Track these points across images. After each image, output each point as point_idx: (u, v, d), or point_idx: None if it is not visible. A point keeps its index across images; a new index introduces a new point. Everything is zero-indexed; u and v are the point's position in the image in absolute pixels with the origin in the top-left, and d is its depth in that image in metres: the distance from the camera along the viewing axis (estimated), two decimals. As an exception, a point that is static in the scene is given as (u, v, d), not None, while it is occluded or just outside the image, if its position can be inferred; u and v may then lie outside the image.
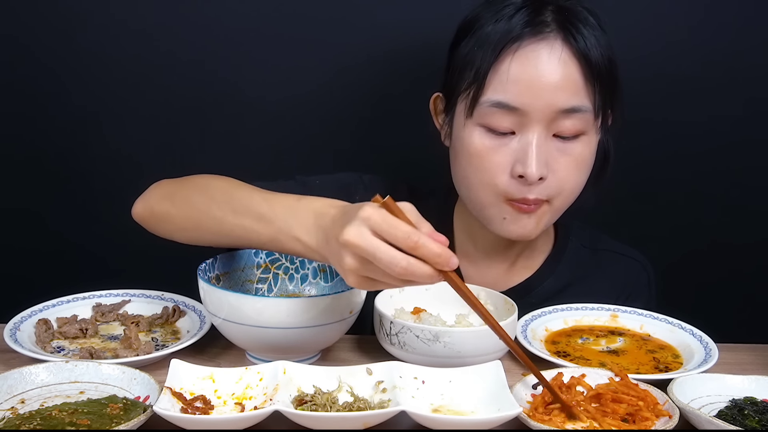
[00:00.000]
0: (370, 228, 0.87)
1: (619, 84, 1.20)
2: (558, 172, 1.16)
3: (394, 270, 0.86)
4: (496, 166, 1.16)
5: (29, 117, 1.61)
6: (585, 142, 1.17)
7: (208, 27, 1.57)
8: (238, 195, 1.08)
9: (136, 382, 0.97)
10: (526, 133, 1.15)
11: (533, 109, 1.13)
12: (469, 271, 1.33)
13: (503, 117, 1.14)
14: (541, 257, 1.34)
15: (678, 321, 1.20)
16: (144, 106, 1.61)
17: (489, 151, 1.16)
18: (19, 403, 0.94)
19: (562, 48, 1.14)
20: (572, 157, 1.17)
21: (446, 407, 0.96)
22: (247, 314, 1.02)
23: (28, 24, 1.56)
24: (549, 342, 1.17)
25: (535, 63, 1.13)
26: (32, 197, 1.65)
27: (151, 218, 1.18)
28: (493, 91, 1.15)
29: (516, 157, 1.15)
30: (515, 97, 1.13)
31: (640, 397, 0.96)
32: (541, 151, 1.14)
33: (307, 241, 0.97)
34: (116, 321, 1.21)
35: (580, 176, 1.19)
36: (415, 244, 0.85)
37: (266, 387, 0.96)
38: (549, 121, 1.14)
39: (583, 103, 1.14)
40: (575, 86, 1.14)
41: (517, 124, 1.15)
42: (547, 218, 1.20)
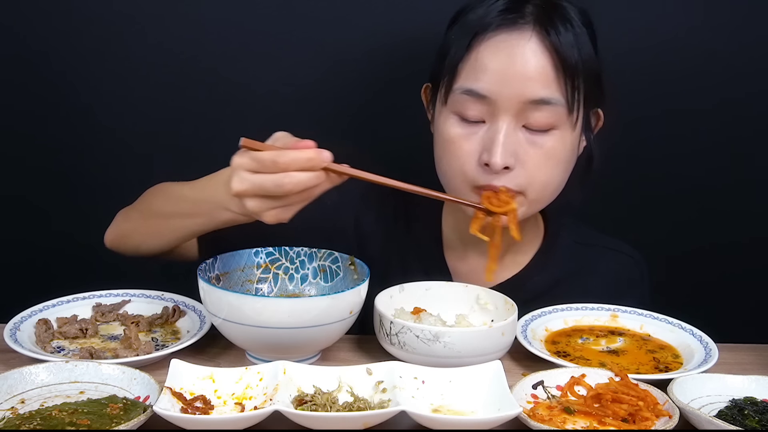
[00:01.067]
0: (245, 170, 0.98)
1: (602, 84, 1.20)
2: (527, 163, 1.16)
3: (284, 189, 0.97)
4: (465, 153, 1.17)
5: (33, 116, 1.61)
6: (557, 136, 1.16)
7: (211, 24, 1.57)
8: (173, 192, 1.21)
9: (136, 382, 0.97)
10: (495, 122, 1.15)
11: (501, 97, 1.14)
12: (458, 266, 1.33)
13: (474, 105, 1.16)
14: (530, 253, 1.33)
15: (678, 321, 1.20)
16: (148, 106, 1.61)
17: (460, 138, 1.18)
18: (19, 403, 0.94)
19: (534, 39, 1.14)
20: (542, 150, 1.16)
21: (446, 407, 0.96)
22: (247, 314, 1.02)
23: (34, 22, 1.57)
24: (549, 342, 1.17)
25: (506, 52, 1.14)
26: (33, 197, 1.65)
27: (118, 241, 1.30)
28: (465, 78, 1.16)
29: (484, 146, 1.16)
30: (484, 85, 1.14)
31: (640, 397, 0.96)
32: (508, 140, 1.14)
33: (230, 207, 1.05)
34: (116, 321, 1.21)
35: (552, 170, 1.18)
36: (282, 162, 0.96)
37: (266, 387, 0.96)
38: (518, 111, 1.14)
39: (553, 96, 1.14)
40: (545, 78, 1.13)
41: (487, 112, 1.16)
42: (521, 210, 1.19)
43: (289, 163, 0.97)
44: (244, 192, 0.99)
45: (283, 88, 1.60)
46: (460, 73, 1.17)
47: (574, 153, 1.22)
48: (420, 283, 1.22)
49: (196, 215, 1.14)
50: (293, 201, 1.00)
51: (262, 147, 0.99)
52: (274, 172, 0.97)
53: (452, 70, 1.17)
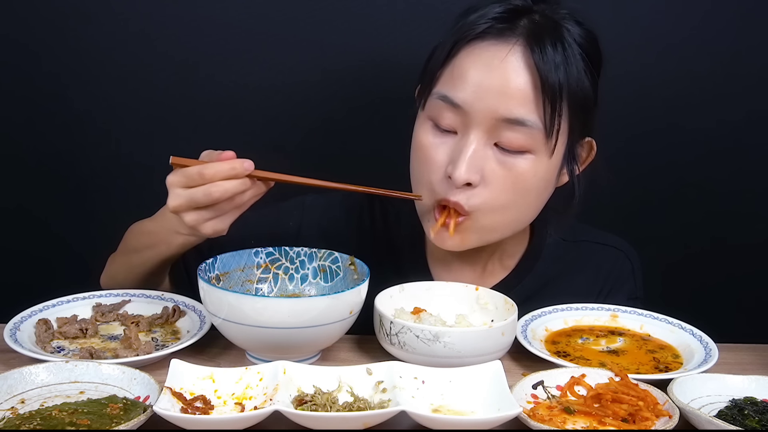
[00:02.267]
0: (177, 187, 1.04)
1: (592, 116, 1.15)
2: (491, 183, 1.12)
3: (213, 198, 1.03)
4: (433, 162, 1.14)
5: (31, 119, 1.62)
6: (530, 161, 1.11)
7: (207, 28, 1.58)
8: (140, 227, 1.26)
9: (136, 382, 0.97)
10: (466, 135, 1.11)
11: (474, 110, 1.10)
12: (444, 275, 1.31)
13: (448, 113, 1.12)
14: (517, 256, 1.31)
15: (678, 321, 1.20)
16: (146, 110, 1.61)
17: (431, 146, 1.15)
18: (19, 403, 0.94)
19: (517, 55, 1.09)
20: (511, 173, 1.11)
21: (446, 407, 0.96)
22: (247, 314, 1.02)
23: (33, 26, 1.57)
24: (549, 342, 1.17)
25: (486, 63, 1.09)
26: (34, 198, 1.65)
27: (108, 283, 1.32)
28: (443, 84, 1.13)
29: (451, 157, 1.12)
30: (460, 93, 1.10)
31: (640, 397, 0.96)
32: (476, 155, 1.10)
33: (179, 229, 1.11)
34: (116, 321, 1.21)
35: (515, 196, 1.13)
36: (208, 174, 1.02)
37: (266, 387, 0.96)
38: (490, 127, 1.10)
39: (529, 117, 1.08)
40: (522, 97, 1.08)
41: (460, 123, 1.12)
42: (473, 237, 1.16)
43: (215, 173, 1.02)
44: (179, 207, 1.04)
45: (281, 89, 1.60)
46: (440, 77, 1.14)
47: (549, 183, 1.16)
48: (420, 283, 1.22)
49: (156, 245, 1.19)
50: (225, 209, 1.05)
51: (190, 163, 1.05)
52: (202, 184, 1.03)
53: (432, 73, 1.14)
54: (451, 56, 1.12)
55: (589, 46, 1.13)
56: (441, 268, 1.32)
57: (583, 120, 1.14)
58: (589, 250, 1.33)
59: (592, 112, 1.15)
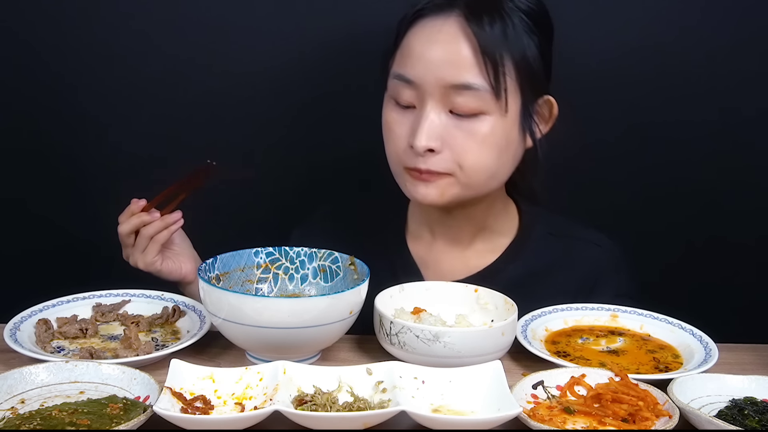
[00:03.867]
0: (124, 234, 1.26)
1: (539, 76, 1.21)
2: (454, 147, 1.19)
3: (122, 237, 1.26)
4: (398, 137, 1.22)
5: (34, 115, 1.61)
6: (485, 121, 1.18)
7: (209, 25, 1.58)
8: None
9: (136, 382, 0.97)
10: (422, 107, 1.19)
11: (425, 82, 1.17)
12: (428, 256, 1.35)
13: (405, 90, 1.20)
14: (503, 244, 1.34)
15: (678, 321, 1.20)
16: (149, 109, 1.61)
17: (394, 122, 1.23)
18: (19, 403, 0.94)
19: (456, 26, 1.16)
20: (469, 134, 1.18)
21: (446, 407, 0.96)
22: (247, 314, 1.02)
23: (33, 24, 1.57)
24: (549, 342, 1.17)
25: (428, 38, 1.18)
26: (34, 198, 1.65)
27: None
28: (397, 64, 1.22)
29: (412, 129, 1.20)
30: (410, 70, 1.19)
31: (640, 397, 0.96)
32: (432, 124, 1.18)
33: None
34: (116, 321, 1.21)
35: (480, 153, 1.20)
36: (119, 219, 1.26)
37: (266, 387, 0.96)
38: (442, 95, 1.17)
39: (475, 81, 1.16)
40: (465, 63, 1.16)
41: (416, 97, 1.20)
42: (454, 191, 1.22)
43: (120, 217, 1.26)
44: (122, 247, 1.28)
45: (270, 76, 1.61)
46: (396, 59, 1.22)
47: (511, 141, 1.22)
48: (420, 283, 1.22)
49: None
50: (142, 244, 1.24)
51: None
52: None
53: (391, 55, 1.23)
54: (401, 37, 1.22)
55: (532, 10, 1.20)
56: (426, 250, 1.35)
57: (532, 79, 1.20)
58: (574, 245, 1.35)
59: (542, 71, 1.22)
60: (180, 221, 1.27)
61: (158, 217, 1.25)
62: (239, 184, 1.57)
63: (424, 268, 1.34)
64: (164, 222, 1.25)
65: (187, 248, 1.32)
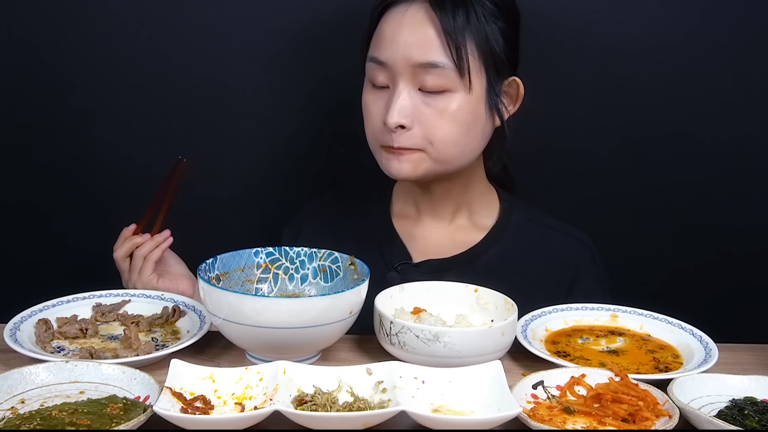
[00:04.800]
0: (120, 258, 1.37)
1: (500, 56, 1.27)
2: (423, 123, 1.26)
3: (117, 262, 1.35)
4: (373, 116, 1.30)
5: (33, 119, 1.61)
6: (451, 98, 1.26)
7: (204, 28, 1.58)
8: None
9: (136, 382, 0.97)
10: (395, 87, 1.27)
11: (394, 62, 1.26)
12: (415, 231, 1.41)
13: (379, 72, 1.28)
14: (484, 222, 1.40)
15: (678, 321, 1.20)
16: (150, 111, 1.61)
17: (371, 103, 1.31)
18: (19, 403, 0.94)
19: (421, 9, 1.25)
20: (436, 110, 1.26)
21: (446, 407, 0.96)
22: (247, 314, 1.02)
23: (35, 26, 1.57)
24: (549, 342, 1.17)
25: (398, 21, 1.26)
26: (34, 198, 1.65)
27: None
28: (372, 48, 1.30)
29: (385, 108, 1.27)
30: (383, 52, 1.27)
31: (640, 397, 0.96)
32: (403, 102, 1.25)
33: None
34: (116, 321, 1.21)
35: (449, 129, 1.27)
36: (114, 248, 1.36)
37: (266, 387, 0.96)
38: (411, 74, 1.25)
39: (439, 60, 1.24)
40: (431, 43, 1.24)
41: (389, 78, 1.28)
42: (426, 165, 1.29)
43: (114, 246, 1.36)
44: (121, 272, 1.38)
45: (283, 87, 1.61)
46: (371, 43, 1.31)
47: (479, 117, 1.29)
48: (420, 283, 1.22)
49: None
50: (137, 265, 1.34)
51: None
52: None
53: (367, 41, 1.31)
54: (374, 24, 1.30)
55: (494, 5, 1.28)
56: (411, 225, 1.41)
57: (495, 59, 1.28)
58: (551, 236, 1.40)
59: (507, 54, 1.29)
60: (169, 239, 1.36)
61: (148, 237, 1.35)
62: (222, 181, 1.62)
63: (411, 243, 1.39)
64: (155, 241, 1.34)
65: (182, 268, 1.39)
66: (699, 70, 1.57)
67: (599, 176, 1.62)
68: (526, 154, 1.44)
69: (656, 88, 1.58)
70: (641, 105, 1.59)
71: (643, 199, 1.64)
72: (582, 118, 1.60)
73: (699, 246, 1.65)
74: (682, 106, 1.58)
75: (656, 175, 1.62)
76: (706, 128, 1.59)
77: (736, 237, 1.64)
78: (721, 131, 1.59)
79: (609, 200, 1.63)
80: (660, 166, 1.62)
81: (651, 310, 1.23)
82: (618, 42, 1.56)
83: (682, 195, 1.63)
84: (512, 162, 1.43)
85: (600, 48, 1.56)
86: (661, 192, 1.63)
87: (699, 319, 1.20)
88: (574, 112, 1.59)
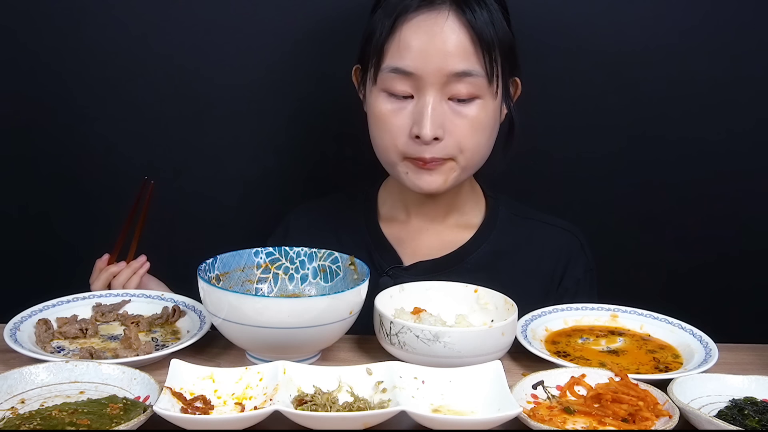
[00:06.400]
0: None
1: (516, 56, 1.28)
2: (454, 133, 1.24)
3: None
4: (396, 128, 1.26)
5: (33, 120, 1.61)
6: (480, 105, 1.24)
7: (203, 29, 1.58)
8: None
9: (136, 382, 0.97)
10: (422, 97, 1.23)
11: (426, 73, 1.22)
12: (404, 234, 1.39)
13: (401, 82, 1.24)
14: (472, 221, 1.39)
15: (678, 321, 1.20)
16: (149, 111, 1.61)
17: (390, 114, 1.26)
18: (19, 403, 0.94)
19: (451, 18, 1.22)
20: (467, 119, 1.24)
21: (446, 407, 0.96)
22: (247, 314, 1.02)
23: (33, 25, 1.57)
24: (549, 342, 1.17)
25: (426, 30, 1.22)
26: (35, 198, 1.65)
27: None
28: (391, 57, 1.24)
29: (413, 119, 1.24)
30: (410, 62, 1.22)
31: (640, 397, 0.96)
32: (435, 113, 1.22)
33: None
34: (116, 321, 1.21)
35: (478, 137, 1.26)
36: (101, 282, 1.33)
37: (266, 387, 0.96)
38: (442, 84, 1.22)
39: (473, 68, 1.22)
40: (464, 52, 1.22)
41: (414, 87, 1.24)
42: (455, 175, 1.28)
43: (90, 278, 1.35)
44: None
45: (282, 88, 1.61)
46: (386, 53, 1.25)
47: (497, 120, 1.30)
48: (420, 283, 1.22)
49: None
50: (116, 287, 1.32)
51: None
52: None
53: (379, 50, 1.25)
54: (393, 32, 1.24)
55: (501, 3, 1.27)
56: (401, 229, 1.39)
57: (511, 61, 1.28)
58: (538, 228, 1.40)
59: (514, 52, 1.29)
60: (146, 264, 1.34)
61: (124, 265, 1.33)
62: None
63: (401, 247, 1.38)
64: (131, 268, 1.33)
65: (162, 289, 1.36)
66: (699, 71, 1.57)
67: (599, 177, 1.62)
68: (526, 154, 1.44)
69: (656, 88, 1.57)
70: (641, 105, 1.58)
71: (642, 199, 1.64)
72: (582, 119, 1.60)
73: (699, 246, 1.65)
74: (682, 107, 1.58)
75: (656, 175, 1.62)
76: (707, 128, 1.59)
77: (736, 237, 1.64)
78: (722, 131, 1.59)
79: (609, 200, 1.63)
80: (660, 167, 1.62)
81: (651, 310, 1.23)
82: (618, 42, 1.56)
83: (682, 195, 1.63)
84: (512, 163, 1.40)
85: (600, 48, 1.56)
86: (661, 192, 1.63)
87: (699, 319, 1.20)
88: (574, 113, 1.59)
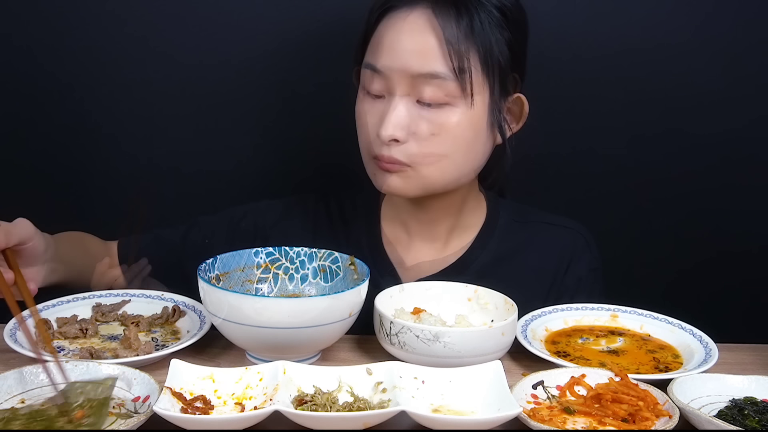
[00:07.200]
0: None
1: (509, 70, 1.22)
2: (419, 137, 1.20)
3: None
4: (366, 125, 1.25)
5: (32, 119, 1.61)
6: (451, 112, 1.19)
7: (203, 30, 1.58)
8: None
9: (136, 382, 0.97)
10: (391, 97, 1.21)
11: (392, 71, 1.19)
12: (406, 255, 1.36)
13: (375, 80, 1.22)
14: (473, 234, 1.36)
15: (678, 321, 1.20)
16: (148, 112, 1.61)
17: (365, 113, 1.25)
18: (19, 403, 0.94)
19: (423, 17, 1.18)
20: (434, 125, 1.20)
21: (446, 407, 0.96)
22: (247, 314, 1.02)
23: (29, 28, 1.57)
24: (549, 342, 1.17)
25: (397, 28, 1.20)
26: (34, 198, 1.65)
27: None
28: (368, 54, 1.24)
29: (380, 118, 1.22)
30: (379, 59, 1.20)
31: (640, 397, 0.96)
32: (400, 114, 1.19)
33: None
34: (116, 321, 1.21)
35: (445, 145, 1.21)
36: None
37: (266, 387, 0.96)
38: (409, 85, 1.19)
39: (440, 70, 1.17)
40: (430, 52, 1.17)
41: (385, 87, 1.21)
42: (416, 183, 1.23)
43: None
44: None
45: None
46: (367, 50, 1.24)
47: (479, 134, 1.23)
48: (420, 283, 1.22)
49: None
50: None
51: None
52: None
53: (362, 48, 1.25)
54: (371, 29, 1.24)
55: (505, 6, 1.21)
56: (402, 250, 1.36)
57: (500, 73, 1.21)
58: (540, 230, 1.37)
59: (510, 67, 1.23)
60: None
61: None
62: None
63: (403, 270, 1.35)
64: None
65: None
66: (698, 71, 1.57)
67: (599, 176, 1.62)
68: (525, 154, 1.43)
69: (656, 88, 1.58)
70: (641, 105, 1.59)
71: (642, 198, 1.64)
72: (582, 119, 1.60)
73: (699, 246, 1.65)
74: (682, 107, 1.59)
75: (656, 175, 1.62)
76: (707, 129, 1.59)
77: (736, 237, 1.64)
78: (722, 131, 1.59)
79: (609, 200, 1.63)
80: (660, 167, 1.62)
81: (651, 310, 1.23)
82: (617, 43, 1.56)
83: (682, 195, 1.63)
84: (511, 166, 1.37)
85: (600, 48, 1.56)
86: (661, 192, 1.63)
87: (699, 319, 1.20)
88: (574, 113, 1.59)
